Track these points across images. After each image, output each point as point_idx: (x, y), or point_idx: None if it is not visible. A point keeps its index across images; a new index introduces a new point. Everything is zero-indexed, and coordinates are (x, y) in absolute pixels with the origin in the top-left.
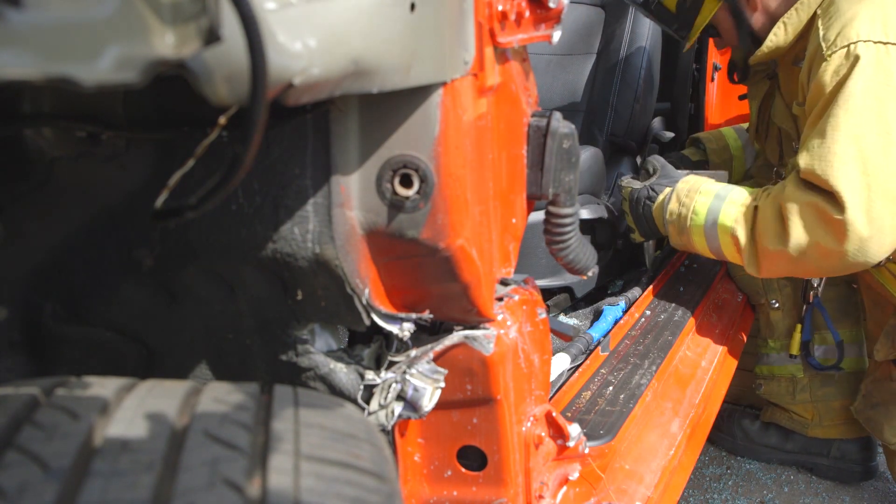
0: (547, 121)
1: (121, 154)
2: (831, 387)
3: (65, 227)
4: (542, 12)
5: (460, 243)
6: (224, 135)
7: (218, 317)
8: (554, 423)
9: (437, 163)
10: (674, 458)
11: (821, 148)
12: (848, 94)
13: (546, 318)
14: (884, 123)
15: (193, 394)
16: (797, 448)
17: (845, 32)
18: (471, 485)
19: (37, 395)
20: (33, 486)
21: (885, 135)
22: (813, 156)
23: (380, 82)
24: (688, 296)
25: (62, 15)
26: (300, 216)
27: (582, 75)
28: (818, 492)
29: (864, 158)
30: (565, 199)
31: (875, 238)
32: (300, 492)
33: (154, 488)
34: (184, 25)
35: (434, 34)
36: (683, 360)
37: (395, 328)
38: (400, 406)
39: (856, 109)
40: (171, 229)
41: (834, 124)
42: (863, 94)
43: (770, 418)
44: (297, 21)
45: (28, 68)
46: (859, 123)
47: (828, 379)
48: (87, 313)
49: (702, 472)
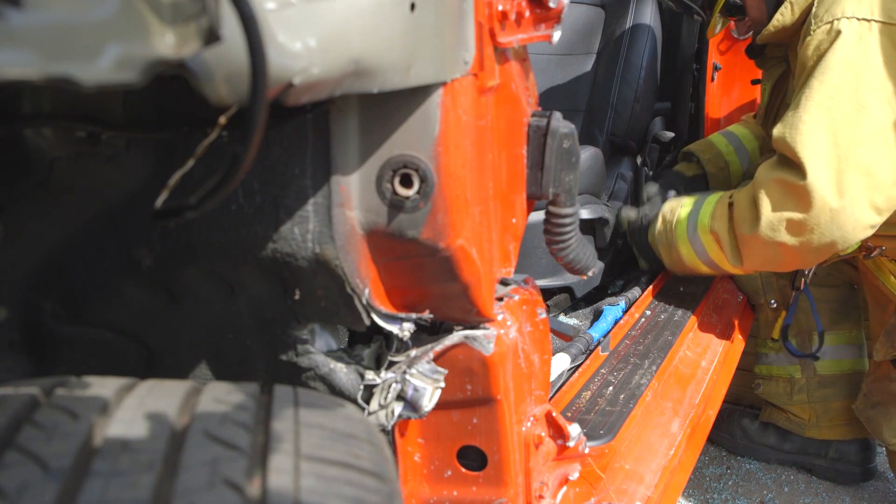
0: (547, 121)
1: (121, 154)
2: (830, 388)
3: (65, 226)
4: (542, 12)
5: (460, 243)
6: (224, 135)
7: (218, 317)
8: (554, 423)
9: (437, 163)
10: (674, 458)
11: (793, 117)
12: (825, 67)
13: (546, 318)
14: (859, 96)
15: (193, 394)
16: (795, 448)
17: (832, 9)
18: (471, 485)
19: (37, 395)
20: (33, 486)
21: (859, 108)
22: (785, 124)
23: (380, 82)
24: (688, 296)
25: (62, 15)
26: (300, 216)
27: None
28: (818, 492)
29: (835, 129)
30: (565, 198)
31: (848, 210)
32: (300, 492)
33: (154, 488)
34: (184, 25)
35: (434, 34)
36: (683, 360)
37: (395, 328)
38: (400, 406)
39: (831, 81)
40: (171, 229)
41: (808, 94)
42: (840, 66)
43: (768, 418)
44: (297, 21)
45: (28, 68)
46: (833, 95)
47: (826, 380)
48: (86, 313)
49: (702, 471)
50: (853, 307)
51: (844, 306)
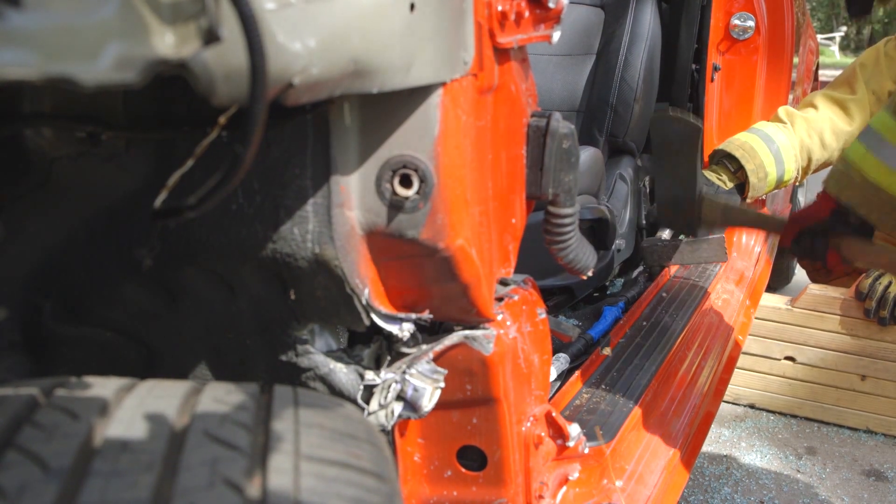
0: (546, 121)
1: (120, 154)
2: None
3: (65, 227)
4: (542, 12)
5: (460, 243)
6: (224, 135)
7: (218, 317)
8: (554, 422)
9: (437, 163)
10: (674, 457)
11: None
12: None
13: (546, 318)
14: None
15: (193, 394)
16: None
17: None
18: (471, 485)
19: (36, 395)
20: (33, 486)
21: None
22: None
23: (379, 82)
24: (688, 296)
25: (62, 15)
26: (300, 216)
27: (581, 76)
28: (818, 492)
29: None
30: (565, 199)
31: None
32: (300, 492)
33: (154, 488)
34: (183, 25)
35: (434, 34)
36: (683, 361)
37: (395, 328)
38: (400, 406)
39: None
40: (170, 229)
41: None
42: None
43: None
44: (296, 21)
45: (28, 68)
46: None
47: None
48: (86, 313)
49: (702, 471)
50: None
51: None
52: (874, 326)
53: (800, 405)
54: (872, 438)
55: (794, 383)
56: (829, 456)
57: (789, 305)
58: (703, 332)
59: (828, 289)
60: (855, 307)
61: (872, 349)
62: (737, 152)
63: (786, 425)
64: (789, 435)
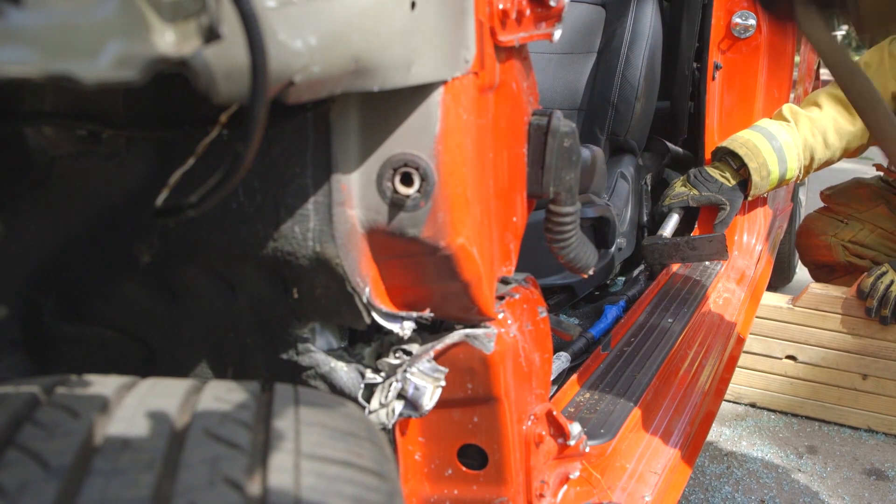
0: (548, 119)
1: (121, 152)
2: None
3: (65, 225)
4: (543, 11)
5: (461, 242)
6: (225, 133)
7: (218, 315)
8: (555, 421)
9: (438, 161)
10: (674, 456)
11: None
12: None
13: (547, 316)
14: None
15: (194, 392)
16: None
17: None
18: (471, 483)
19: (37, 393)
20: (33, 485)
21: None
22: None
23: (380, 80)
24: (689, 295)
25: (62, 13)
26: (301, 215)
27: (583, 74)
28: (818, 491)
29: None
30: (566, 197)
31: None
32: (301, 490)
33: (154, 487)
34: (184, 23)
35: (434, 32)
36: (684, 359)
37: (396, 327)
38: (401, 405)
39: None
40: (171, 228)
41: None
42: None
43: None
44: (297, 19)
45: (28, 66)
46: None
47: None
48: (87, 312)
49: (702, 470)
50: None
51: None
52: (875, 325)
53: (801, 404)
54: (873, 437)
55: (795, 382)
56: (830, 455)
57: (790, 304)
58: (704, 330)
59: (829, 288)
60: (856, 306)
61: (874, 348)
62: (740, 150)
63: (787, 424)
64: (790, 434)
